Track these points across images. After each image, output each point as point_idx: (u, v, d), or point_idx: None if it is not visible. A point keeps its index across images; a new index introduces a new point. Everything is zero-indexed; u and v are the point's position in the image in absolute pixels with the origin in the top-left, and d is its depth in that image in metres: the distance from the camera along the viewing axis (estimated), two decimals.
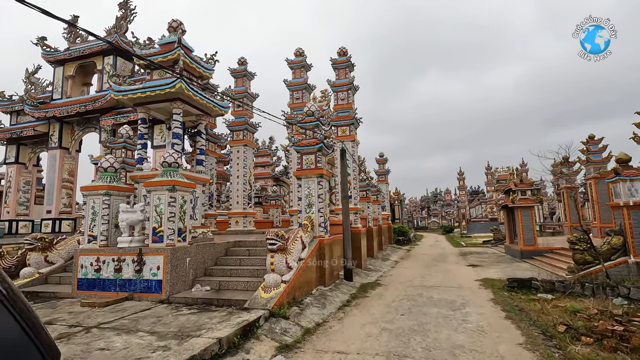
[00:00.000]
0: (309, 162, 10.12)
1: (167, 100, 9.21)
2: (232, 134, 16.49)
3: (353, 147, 14.90)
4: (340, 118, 15.14)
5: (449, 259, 19.09)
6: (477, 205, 62.74)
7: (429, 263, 17.17)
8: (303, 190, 10.10)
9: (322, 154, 10.17)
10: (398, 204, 47.69)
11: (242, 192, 16.04)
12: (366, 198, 18.66)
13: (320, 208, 9.88)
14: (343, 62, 15.56)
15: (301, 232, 8.79)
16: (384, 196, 29.17)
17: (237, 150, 16.32)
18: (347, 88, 15.30)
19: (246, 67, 16.71)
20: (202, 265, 8.61)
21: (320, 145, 9.98)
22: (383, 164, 30.09)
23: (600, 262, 10.61)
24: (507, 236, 20.76)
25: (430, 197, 79.57)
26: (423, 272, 14.07)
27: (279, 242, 7.39)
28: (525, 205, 17.68)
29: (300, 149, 10.18)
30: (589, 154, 21.43)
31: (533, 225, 17.68)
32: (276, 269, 7.37)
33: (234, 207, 16.03)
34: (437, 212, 71.68)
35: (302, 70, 16.22)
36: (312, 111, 10.46)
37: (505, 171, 53.46)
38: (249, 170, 16.45)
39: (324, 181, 10.21)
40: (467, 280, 11.68)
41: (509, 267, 14.72)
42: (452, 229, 53.08)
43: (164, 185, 7.77)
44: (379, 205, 23.64)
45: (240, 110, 16.50)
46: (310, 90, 16.39)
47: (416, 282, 11.61)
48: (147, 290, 7.55)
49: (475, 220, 55.92)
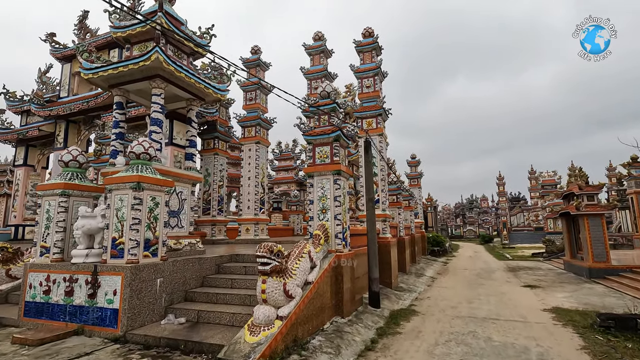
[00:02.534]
0: (323, 156, 7.95)
1: (146, 79, 7.42)
2: (243, 131, 14.69)
3: (380, 142, 12.58)
4: (366, 108, 12.88)
5: (496, 275, 16.14)
6: (518, 213, 57.73)
7: (473, 281, 14.37)
8: (315, 192, 7.93)
9: (339, 145, 7.98)
10: (431, 211, 44.28)
11: (253, 195, 14.13)
12: (397, 203, 16.19)
13: (338, 214, 7.66)
14: (368, 44, 13.34)
15: (310, 246, 6.61)
16: (417, 202, 26.37)
17: (249, 149, 14.46)
18: (373, 74, 13.04)
19: (259, 56, 14.91)
20: (181, 287, 6.63)
21: (338, 133, 7.79)
22: (415, 167, 27.34)
23: None
24: (567, 250, 17.42)
25: (466, 204, 74.77)
26: (469, 294, 11.39)
27: (274, 261, 5.25)
28: (594, 212, 14.46)
29: (312, 139, 8.04)
30: None
31: (605, 237, 14.41)
32: (269, 298, 5.22)
33: (244, 213, 14.13)
34: (473, 220, 66.98)
35: (321, 56, 14.18)
36: (327, 92, 8.32)
37: (551, 175, 48.66)
38: (261, 170, 14.54)
39: (342, 180, 7.99)
40: (532, 310, 8.94)
41: (580, 291, 11.69)
42: (492, 238, 48.72)
43: (126, 182, 5.89)
44: (411, 212, 21.00)
45: (252, 104, 14.69)
46: (330, 78, 14.30)
47: (463, 310, 9.03)
48: (100, 322, 5.65)
49: (517, 229, 51.22)
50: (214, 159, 14.89)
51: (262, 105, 14.80)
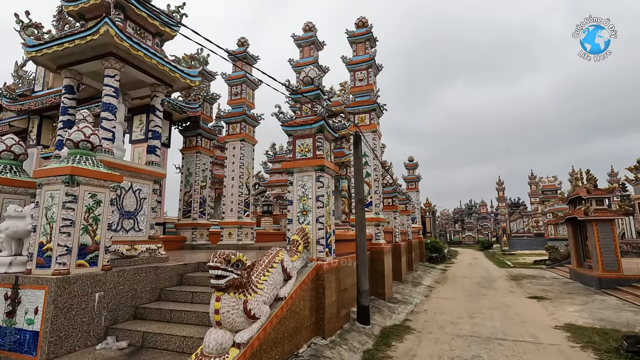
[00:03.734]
0: (305, 150, 6.92)
1: (98, 58, 6.40)
2: (227, 128, 13.66)
3: (374, 139, 11.56)
4: (358, 103, 11.89)
5: (498, 284, 15.08)
6: (517, 218, 56.75)
7: (474, 291, 13.30)
8: (295, 191, 6.88)
9: (323, 138, 6.95)
10: (429, 216, 43.22)
11: (237, 197, 13.05)
12: (392, 207, 15.14)
13: (320, 216, 6.61)
14: (362, 34, 12.38)
15: (283, 254, 5.54)
16: (414, 206, 25.35)
17: (233, 147, 13.42)
18: (366, 66, 12.06)
19: (246, 48, 13.93)
20: (130, 302, 5.55)
21: (321, 123, 6.77)
22: (413, 170, 26.36)
23: None
24: (573, 257, 16.38)
25: (465, 210, 73.86)
26: (470, 306, 10.32)
27: (231, 274, 4.19)
28: (603, 218, 13.45)
29: (292, 130, 7.02)
30: None
31: (616, 244, 13.39)
32: (224, 320, 4.15)
33: (226, 216, 13.05)
34: (472, 225, 66.00)
35: (311, 48, 13.22)
36: (310, 78, 7.31)
37: (551, 181, 47.74)
38: (246, 170, 13.48)
39: (326, 177, 6.96)
40: (543, 328, 7.87)
41: (591, 304, 10.64)
42: (491, 244, 47.67)
43: (57, 175, 4.84)
44: (408, 216, 19.95)
45: (237, 99, 13.67)
46: (322, 71, 13.30)
47: (464, 327, 7.96)
48: (17, 348, 4.56)
49: (517, 235, 50.22)
50: (197, 157, 13.82)
51: (249, 100, 13.79)
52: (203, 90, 13.83)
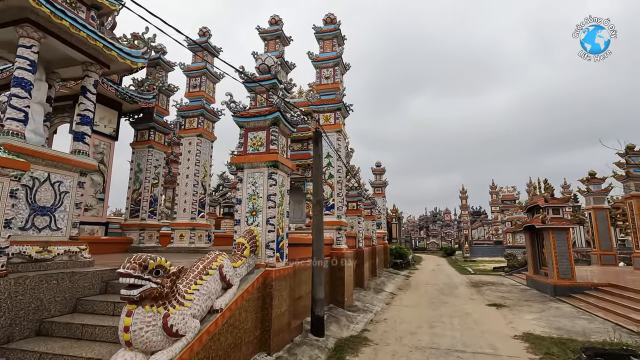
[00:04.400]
0: (257, 143, 6.26)
1: (12, 24, 5.42)
2: (183, 122, 12.69)
3: (339, 139, 11.09)
4: (324, 102, 11.39)
5: (459, 291, 15.04)
6: (479, 226, 58.73)
7: (436, 298, 13.10)
8: (244, 188, 6.20)
9: (279, 131, 6.33)
10: (396, 222, 43.64)
11: (191, 196, 12.10)
12: (357, 211, 14.74)
13: (271, 217, 5.96)
14: (330, 30, 11.94)
15: (223, 258, 4.83)
16: (380, 211, 25.23)
17: (189, 142, 12.47)
18: (333, 63, 11.62)
19: (207, 39, 13.08)
20: (33, 315, 4.60)
21: (276, 115, 6.15)
22: (380, 175, 26.28)
23: None
24: (530, 265, 16.74)
25: (430, 217, 75.56)
26: (431, 315, 10.01)
27: (149, 283, 3.45)
28: (559, 226, 13.77)
29: (243, 122, 6.35)
30: (629, 166, 17.71)
31: (570, 252, 13.73)
32: (136, 340, 3.40)
33: (178, 217, 12.05)
34: (436, 232, 67.61)
35: (276, 42, 12.60)
36: (267, 65, 6.69)
37: (510, 191, 49.82)
38: (203, 168, 12.57)
39: (281, 175, 6.33)
40: (502, 338, 7.64)
41: (548, 311, 10.69)
42: (454, 251, 48.91)
43: None
44: (373, 222, 19.68)
45: (196, 91, 12.76)
46: (287, 68, 12.73)
47: (424, 338, 7.56)
48: None
49: (478, 242, 51.85)
50: (149, 152, 12.70)
51: (208, 94, 12.92)
52: (158, 80, 12.78)
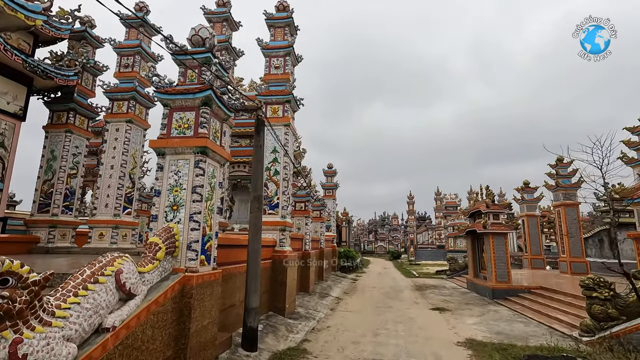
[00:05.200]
0: (183, 126, 5.31)
1: None
2: (110, 104, 11.15)
3: (287, 133, 10.34)
4: (272, 92, 10.59)
5: (404, 295, 14.98)
6: (424, 231, 61.26)
7: (381, 302, 12.82)
8: (165, 178, 5.20)
9: (211, 113, 5.43)
10: (346, 226, 43.78)
11: (115, 190, 10.60)
12: (305, 211, 14.07)
13: (196, 213, 5.03)
14: (282, 18, 11.19)
15: (122, 262, 3.83)
16: (330, 214, 24.87)
17: (116, 128, 10.96)
18: (284, 53, 10.87)
19: (145, 14, 11.67)
20: None
21: (208, 93, 5.25)
22: (331, 177, 25.96)
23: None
24: (470, 268, 17.28)
25: (378, 221, 77.44)
26: (375, 321, 9.59)
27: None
28: (499, 231, 14.26)
29: (168, 99, 5.36)
30: (558, 177, 19.11)
31: (507, 256, 14.26)
32: None
33: (99, 213, 10.48)
34: (384, 236, 69.36)
35: (223, 25, 11.57)
36: (201, 37, 5.76)
37: (453, 198, 52.59)
38: (132, 158, 11.11)
39: (211, 164, 5.44)
40: (446, 345, 7.37)
41: (487, 315, 10.82)
42: (400, 254, 50.25)
43: None
44: (322, 224, 19.16)
45: (127, 72, 11.30)
46: (235, 54, 11.73)
47: (367, 348, 7.04)
48: None
49: (422, 246, 53.89)
50: (66, 138, 10.94)
51: (143, 75, 11.50)
52: (82, 55, 11.08)
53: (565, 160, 19.24)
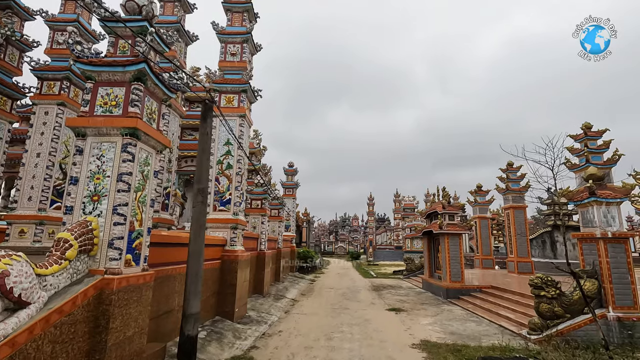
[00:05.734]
0: (110, 103, 4.54)
1: None
2: (39, 84, 9.83)
3: (242, 125, 9.66)
4: (227, 81, 9.86)
5: (361, 296, 14.79)
6: (382, 232, 62.51)
7: (337, 304, 12.49)
8: (85, 163, 4.41)
9: (144, 91, 4.71)
10: (306, 226, 43.38)
11: (42, 181, 9.32)
12: (261, 210, 13.42)
13: (121, 204, 4.29)
14: (240, 2, 10.50)
15: (8, 262, 3.04)
16: (290, 213, 24.30)
17: (45, 112, 9.68)
18: (241, 39, 10.20)
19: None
20: None
21: (141, 67, 4.53)
22: (292, 176, 25.40)
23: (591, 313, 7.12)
24: (426, 268, 17.53)
25: (339, 222, 78.00)
26: (330, 324, 9.20)
27: None
28: (454, 232, 14.52)
29: (91, 71, 4.56)
30: (508, 181, 20.04)
31: (461, 256, 14.55)
32: None
33: (20, 207, 9.15)
34: (344, 237, 69.91)
35: (175, 5, 10.61)
36: (137, 4, 5.01)
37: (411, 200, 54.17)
38: (64, 147, 9.85)
39: (144, 150, 4.72)
40: (401, 348, 7.12)
41: (442, 314, 10.85)
42: (359, 255, 50.77)
43: None
44: (281, 223, 18.55)
45: (60, 48, 10.03)
46: (188, 38, 10.82)
47: (320, 354, 6.60)
48: None
49: (381, 247, 54.91)
50: None
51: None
52: (6, 26, 9.67)
53: (516, 165, 20.29)
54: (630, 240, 8.47)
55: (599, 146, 14.75)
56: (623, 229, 8.48)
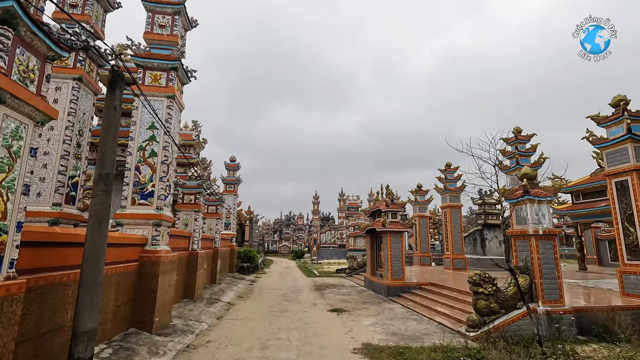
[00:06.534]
0: None
1: None
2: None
3: (170, 107, 8.43)
4: (154, 56, 8.56)
5: (303, 296, 14.18)
6: (327, 231, 62.87)
7: (277, 306, 11.72)
8: None
9: (15, 39, 3.54)
10: (249, 224, 41.82)
11: None
12: (194, 205, 12.14)
13: None
14: None
15: None
16: (231, 211, 22.91)
17: None
18: (173, 10, 8.95)
19: None
20: None
21: (9, 4, 3.35)
22: (234, 171, 24.01)
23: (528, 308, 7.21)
24: (368, 266, 17.47)
25: (284, 221, 77.04)
26: (267, 329, 8.41)
27: None
28: (396, 230, 14.54)
29: None
30: (446, 181, 20.88)
31: (402, 254, 14.62)
32: None
33: None
34: (289, 236, 69.17)
35: None
36: None
37: (355, 199, 55.16)
38: None
39: (15, 119, 3.54)
40: (342, 353, 6.59)
41: (383, 313, 10.63)
42: (303, 254, 50.38)
43: None
44: (219, 220, 17.23)
45: None
46: (108, 4, 9.25)
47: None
48: None
49: (325, 245, 55.09)
50: None
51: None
52: None
53: (454, 165, 21.25)
54: (557, 238, 8.90)
55: (527, 149, 15.89)
56: (551, 227, 8.90)
